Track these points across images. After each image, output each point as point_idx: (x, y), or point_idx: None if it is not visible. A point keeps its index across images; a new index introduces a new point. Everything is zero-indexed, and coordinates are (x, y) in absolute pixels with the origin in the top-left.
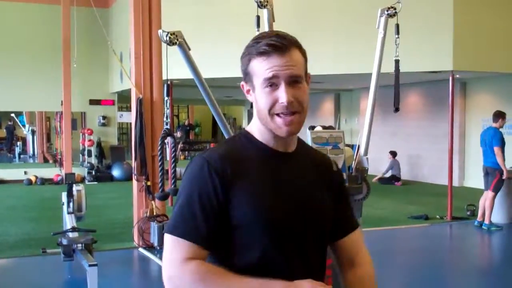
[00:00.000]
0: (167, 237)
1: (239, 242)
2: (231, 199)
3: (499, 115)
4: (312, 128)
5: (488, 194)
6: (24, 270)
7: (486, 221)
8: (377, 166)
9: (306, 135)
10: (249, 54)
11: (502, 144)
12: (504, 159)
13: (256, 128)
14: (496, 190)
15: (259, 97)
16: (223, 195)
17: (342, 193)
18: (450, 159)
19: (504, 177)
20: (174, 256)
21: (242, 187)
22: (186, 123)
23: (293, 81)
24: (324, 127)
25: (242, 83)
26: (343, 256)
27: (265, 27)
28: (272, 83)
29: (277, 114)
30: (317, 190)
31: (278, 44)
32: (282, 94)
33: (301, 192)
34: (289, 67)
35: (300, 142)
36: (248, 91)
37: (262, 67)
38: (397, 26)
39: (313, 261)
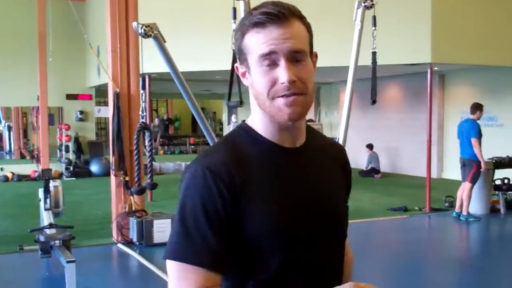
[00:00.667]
0: (170, 264)
1: (251, 259)
2: (242, 210)
3: (477, 107)
4: None
5: (466, 185)
6: (0, 267)
7: (464, 212)
8: (357, 159)
9: None
10: (242, 27)
11: (479, 136)
12: (481, 151)
13: (258, 120)
14: (473, 182)
15: (255, 78)
16: (233, 207)
17: (350, 180)
18: (428, 151)
19: (482, 169)
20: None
21: (251, 194)
22: (165, 117)
23: (295, 57)
24: None
25: (237, 64)
26: None
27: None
28: (270, 60)
29: (277, 96)
30: (333, 186)
31: (275, 12)
32: (282, 73)
33: (316, 193)
34: (289, 40)
35: (309, 131)
36: (243, 74)
37: (257, 41)
38: (374, 18)
39: (331, 263)
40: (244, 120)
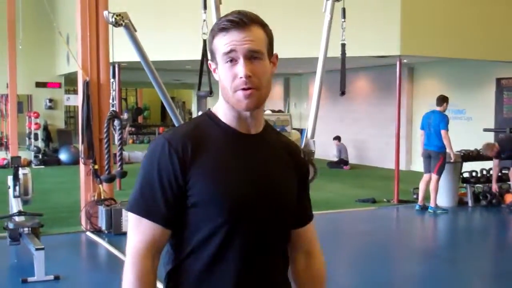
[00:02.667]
0: (129, 215)
1: (194, 219)
2: (191, 177)
3: (443, 99)
4: None
5: (433, 177)
6: None
7: (432, 204)
8: (326, 150)
9: None
10: (212, 31)
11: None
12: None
13: (221, 108)
14: (439, 173)
15: (221, 73)
16: (183, 175)
17: (306, 181)
18: (397, 143)
19: (452, 160)
20: (134, 237)
21: (202, 164)
22: (135, 106)
23: (253, 56)
24: (273, 111)
25: (210, 62)
26: (299, 245)
27: (211, 10)
28: (231, 58)
29: (237, 90)
30: (282, 175)
31: (237, 20)
32: (240, 69)
33: (264, 176)
34: (247, 42)
35: (268, 127)
36: (214, 70)
37: (221, 43)
38: (344, 10)
39: (274, 246)
40: (210, 108)
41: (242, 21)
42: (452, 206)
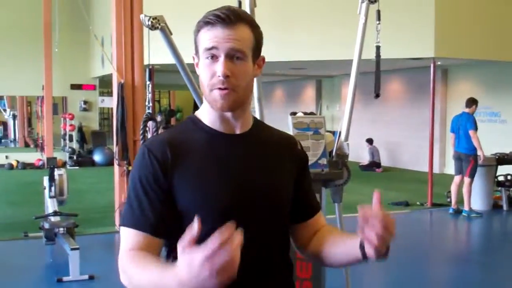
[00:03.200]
0: (121, 229)
1: (183, 228)
2: (174, 185)
3: (473, 101)
4: (293, 114)
5: (465, 180)
6: (6, 254)
7: (466, 208)
8: (358, 153)
9: (287, 121)
10: (197, 24)
11: (476, 128)
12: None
13: (204, 111)
14: (471, 176)
15: (201, 69)
16: (165, 179)
17: (306, 169)
18: (430, 146)
19: (481, 161)
20: (122, 247)
21: (183, 170)
22: (168, 108)
23: (235, 56)
24: (305, 113)
25: (193, 55)
26: (305, 236)
27: None
28: (212, 54)
29: (214, 88)
30: (273, 171)
31: (223, 16)
32: (219, 67)
33: (250, 176)
34: (231, 40)
35: (258, 124)
36: (197, 64)
37: (205, 37)
38: (378, 12)
39: (269, 246)
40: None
41: (229, 17)
42: (486, 209)
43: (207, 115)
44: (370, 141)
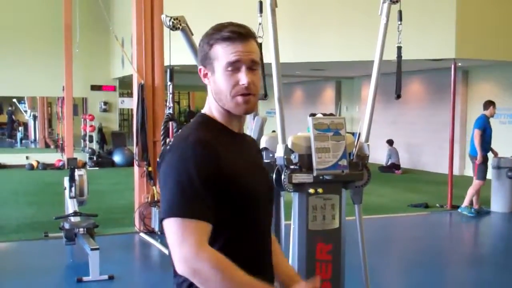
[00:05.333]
0: (172, 221)
1: (229, 215)
2: (224, 176)
3: (490, 103)
4: (313, 115)
5: (474, 182)
6: (26, 254)
7: (464, 205)
8: (376, 154)
9: (306, 122)
10: (211, 39)
11: (483, 129)
12: (490, 144)
13: (215, 111)
14: (479, 178)
15: (219, 79)
16: (215, 172)
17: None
18: (451, 148)
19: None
20: (189, 239)
21: (227, 164)
22: (188, 109)
23: (252, 66)
24: (325, 115)
25: (200, 67)
26: None
27: (267, 13)
28: (234, 66)
29: (237, 95)
30: (263, 165)
31: (241, 31)
32: (243, 77)
33: (258, 168)
34: (250, 53)
35: None
36: (205, 75)
37: (226, 52)
38: (400, 12)
39: (268, 221)
40: (202, 112)
41: (244, 33)
42: (508, 212)
43: (220, 115)
44: (390, 142)
